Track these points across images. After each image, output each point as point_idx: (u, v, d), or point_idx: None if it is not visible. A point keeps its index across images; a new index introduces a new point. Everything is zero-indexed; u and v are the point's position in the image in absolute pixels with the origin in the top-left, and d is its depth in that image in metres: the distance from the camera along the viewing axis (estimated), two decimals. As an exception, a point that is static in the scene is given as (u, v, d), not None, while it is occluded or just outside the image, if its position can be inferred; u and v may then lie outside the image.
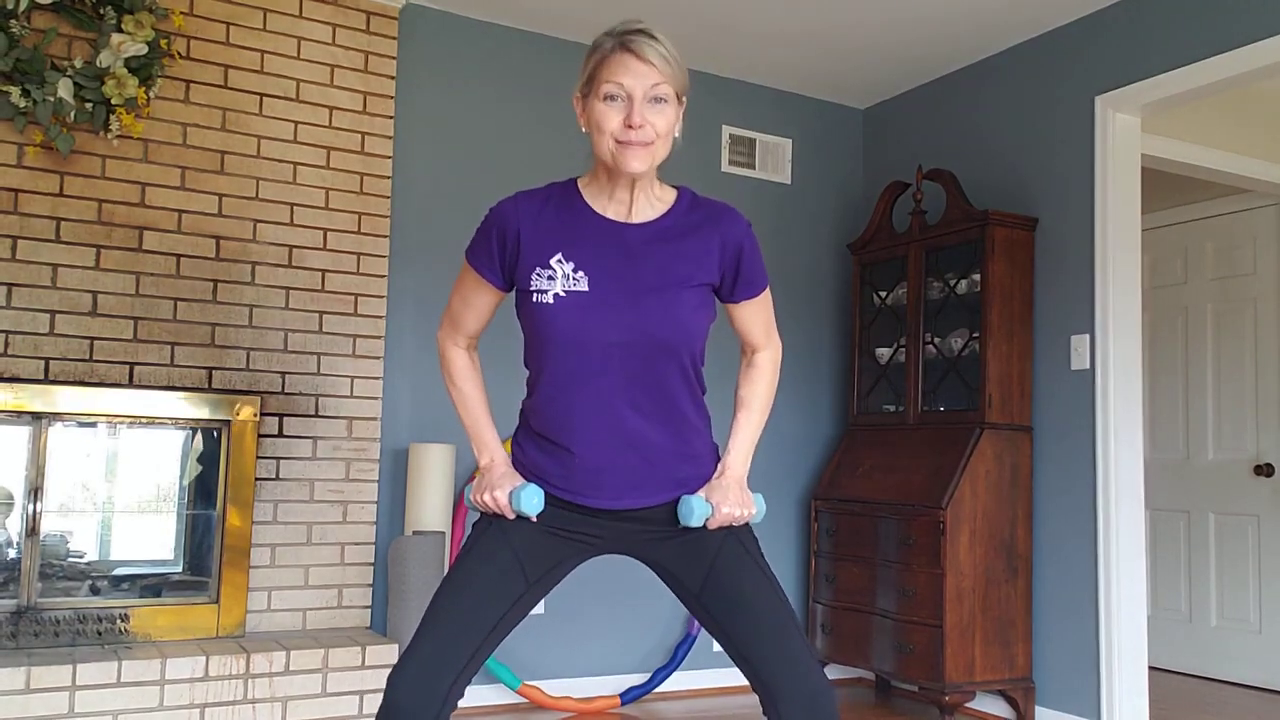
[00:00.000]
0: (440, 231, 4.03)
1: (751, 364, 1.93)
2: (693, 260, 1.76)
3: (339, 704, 3.33)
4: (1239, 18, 3.44)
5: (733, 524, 1.78)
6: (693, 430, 1.80)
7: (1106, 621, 3.71)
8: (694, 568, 1.77)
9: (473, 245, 1.82)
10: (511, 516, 1.76)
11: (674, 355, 1.74)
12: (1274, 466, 4.71)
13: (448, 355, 1.90)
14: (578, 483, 1.75)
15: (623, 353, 1.70)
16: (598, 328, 1.69)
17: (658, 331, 1.71)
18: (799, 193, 4.84)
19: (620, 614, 4.24)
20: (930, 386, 4.22)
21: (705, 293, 1.78)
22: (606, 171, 1.75)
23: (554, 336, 1.71)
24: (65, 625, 3.25)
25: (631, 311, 1.70)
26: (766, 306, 1.90)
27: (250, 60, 3.68)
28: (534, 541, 1.76)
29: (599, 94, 1.70)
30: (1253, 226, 4.91)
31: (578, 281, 1.71)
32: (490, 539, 1.77)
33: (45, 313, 3.35)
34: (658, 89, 1.69)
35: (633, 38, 1.68)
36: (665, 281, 1.73)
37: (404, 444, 3.90)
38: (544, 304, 1.71)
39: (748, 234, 1.82)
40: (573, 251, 1.72)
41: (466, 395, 1.89)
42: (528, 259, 1.74)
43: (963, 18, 4.01)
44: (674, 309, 1.72)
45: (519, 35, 4.24)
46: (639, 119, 1.67)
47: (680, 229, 1.77)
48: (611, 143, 1.69)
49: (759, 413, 1.91)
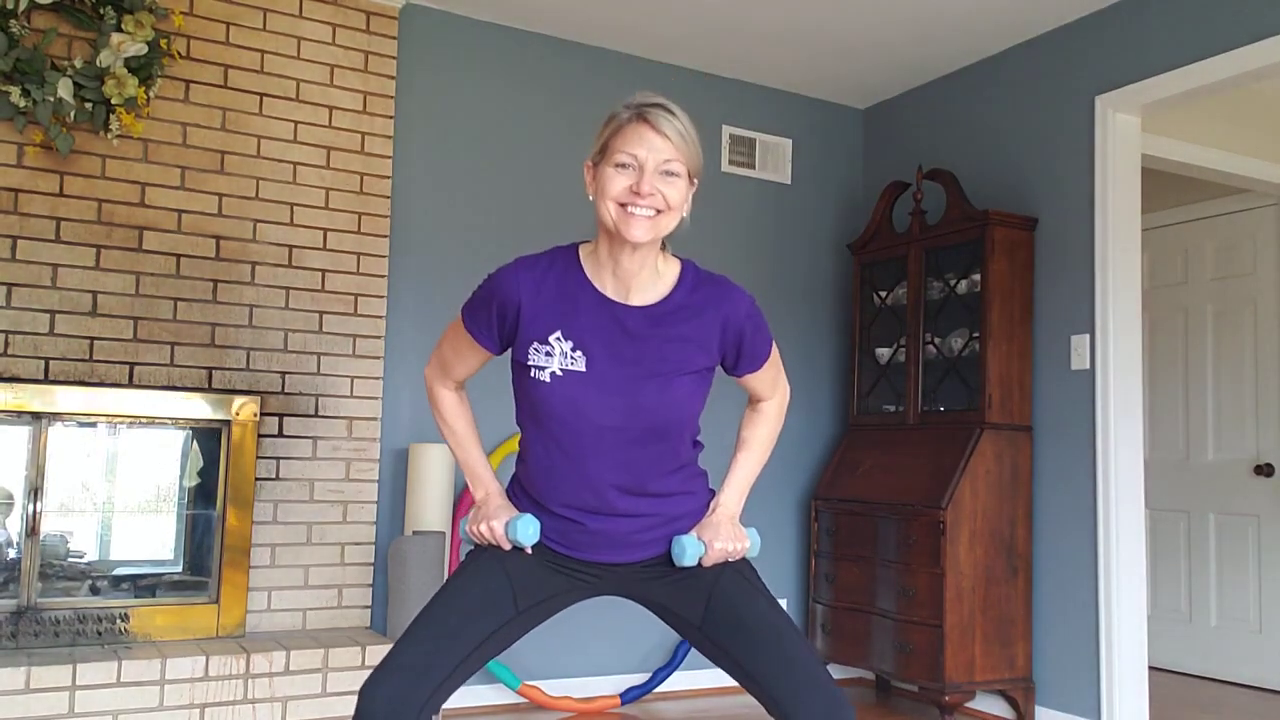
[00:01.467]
0: (440, 232, 4.03)
1: (757, 410, 1.94)
2: (693, 345, 1.73)
3: (339, 704, 3.33)
4: (1239, 18, 3.44)
5: (726, 559, 1.78)
6: (684, 494, 1.81)
7: (1106, 621, 3.71)
8: (693, 602, 1.77)
9: (470, 309, 1.78)
10: (507, 547, 1.77)
11: (667, 438, 1.74)
12: (1274, 466, 4.71)
13: (436, 394, 1.91)
14: (571, 542, 1.76)
15: (615, 435, 1.70)
16: (593, 410, 1.68)
17: (653, 416, 1.70)
18: (799, 193, 4.84)
19: (620, 614, 4.23)
20: (930, 386, 4.21)
21: (703, 374, 1.76)
22: (609, 241, 1.70)
23: (548, 413, 1.70)
24: (65, 625, 3.26)
25: (627, 396, 1.68)
26: (772, 369, 1.88)
27: (250, 60, 3.68)
28: (529, 571, 1.76)
29: (610, 161, 1.66)
30: (1253, 226, 4.90)
31: (575, 361, 1.68)
32: (485, 560, 1.77)
33: (45, 313, 3.35)
34: (670, 164, 1.66)
35: (651, 110, 1.65)
36: (664, 368, 1.70)
37: (404, 444, 3.90)
38: (540, 381, 1.69)
39: (750, 313, 1.77)
40: (572, 330, 1.70)
41: (458, 433, 1.90)
42: (526, 332, 1.71)
43: (963, 18, 4.01)
44: (671, 394, 1.71)
45: (519, 35, 4.24)
46: (648, 188, 1.64)
47: (682, 312, 1.73)
48: (615, 208, 1.65)
49: (759, 454, 1.93)
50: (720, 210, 4.57)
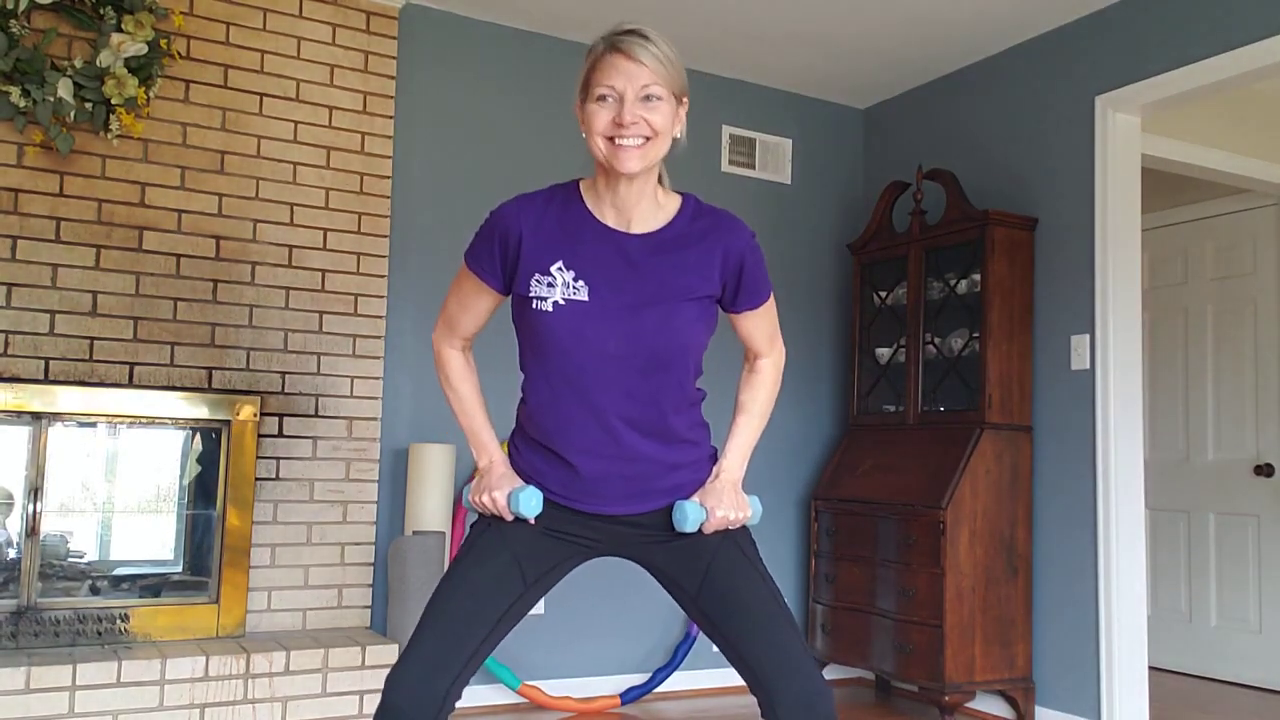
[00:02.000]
0: (440, 231, 4.03)
1: (754, 370, 1.93)
2: (694, 272, 1.74)
3: (339, 704, 3.33)
4: (1239, 18, 3.44)
5: (728, 527, 1.78)
6: (686, 442, 1.80)
7: (1106, 621, 3.71)
8: (691, 571, 1.77)
9: (473, 248, 1.80)
10: (510, 518, 1.76)
11: (670, 368, 1.73)
12: (1274, 466, 4.71)
13: (443, 356, 1.89)
14: (575, 490, 1.75)
15: (619, 364, 1.70)
16: (595, 338, 1.68)
17: (655, 344, 1.70)
18: (799, 193, 4.84)
19: (620, 614, 4.24)
20: (930, 386, 4.21)
21: (706, 304, 1.76)
22: (605, 175, 1.73)
23: (551, 344, 1.70)
24: (65, 625, 3.26)
25: (630, 323, 1.69)
26: (770, 315, 1.89)
27: (250, 60, 3.68)
28: (532, 543, 1.76)
29: (591, 96, 1.69)
30: (1253, 226, 4.90)
31: (577, 290, 1.69)
32: (488, 540, 1.77)
33: (45, 313, 3.35)
34: (649, 88, 1.67)
35: (623, 38, 1.67)
36: (665, 294, 1.71)
37: (404, 444, 3.90)
38: (543, 311, 1.69)
39: (750, 245, 1.79)
40: (573, 260, 1.71)
41: (463, 397, 1.88)
42: (528, 264, 1.72)
43: (962, 18, 4.01)
44: (672, 322, 1.71)
45: (519, 35, 4.24)
46: (629, 116, 1.65)
47: (682, 240, 1.75)
48: (603, 142, 1.68)
49: (758, 418, 1.91)
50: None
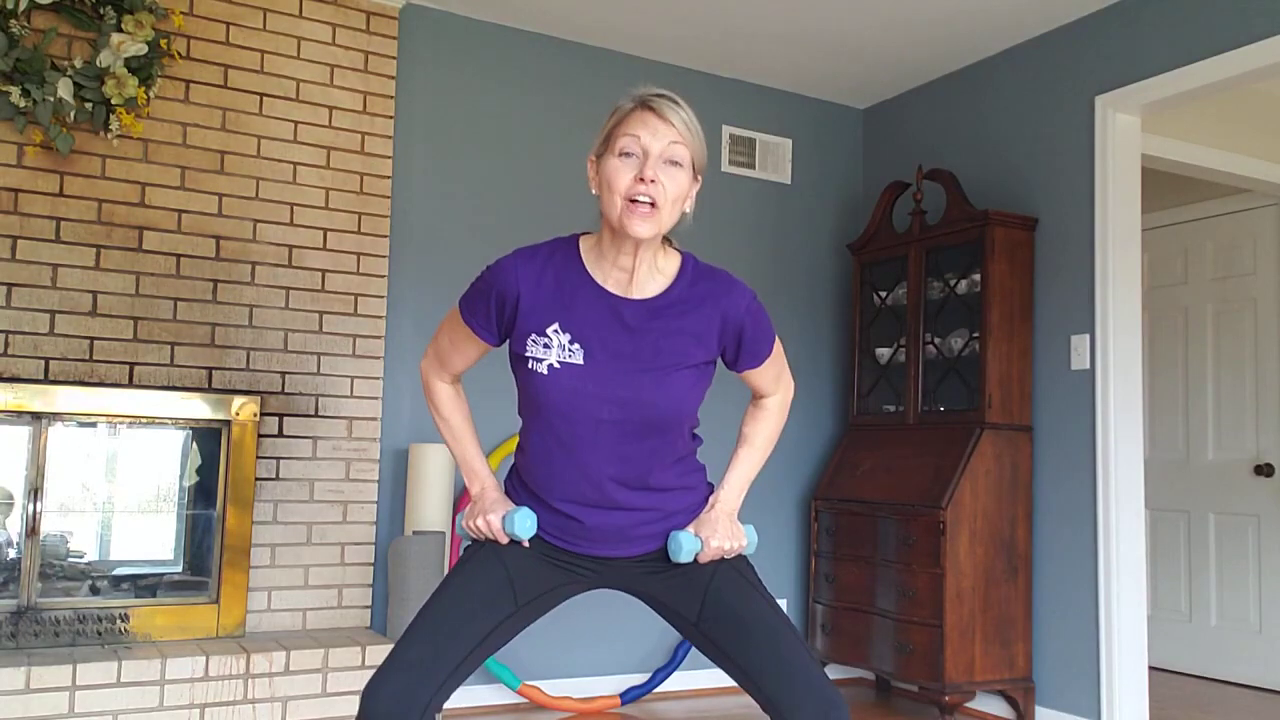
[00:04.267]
0: (440, 231, 4.03)
1: (759, 406, 1.93)
2: (692, 338, 1.72)
3: (339, 704, 3.33)
4: (1239, 18, 3.44)
5: (724, 556, 1.78)
6: (682, 489, 1.81)
7: (1106, 621, 3.71)
8: (689, 598, 1.77)
9: (469, 300, 1.78)
10: (505, 541, 1.77)
11: (665, 432, 1.73)
12: (1274, 466, 4.71)
13: (432, 387, 1.90)
14: (570, 535, 1.76)
15: (613, 429, 1.69)
16: (591, 403, 1.68)
17: (650, 412, 1.70)
18: (799, 193, 4.84)
19: (620, 614, 4.24)
20: (930, 386, 4.21)
21: (702, 369, 1.75)
22: (611, 234, 1.69)
23: (546, 405, 1.70)
24: (65, 625, 3.25)
25: (625, 390, 1.68)
26: (775, 363, 1.87)
27: (250, 60, 3.68)
28: (527, 565, 1.76)
29: (614, 150, 1.66)
30: (1253, 226, 4.90)
31: (573, 354, 1.68)
32: (483, 557, 1.77)
33: (45, 313, 3.35)
34: (674, 149, 1.66)
35: (656, 99, 1.67)
36: (662, 361, 1.70)
37: (404, 444, 3.90)
38: (538, 373, 1.69)
39: (750, 308, 1.76)
40: (570, 322, 1.69)
41: (454, 427, 1.89)
42: (525, 324, 1.71)
43: (963, 18, 4.01)
44: (668, 389, 1.70)
45: (519, 35, 4.24)
46: (651, 173, 1.63)
47: (681, 305, 1.72)
48: (621, 203, 1.64)
49: (760, 451, 1.92)
50: (720, 210, 4.57)
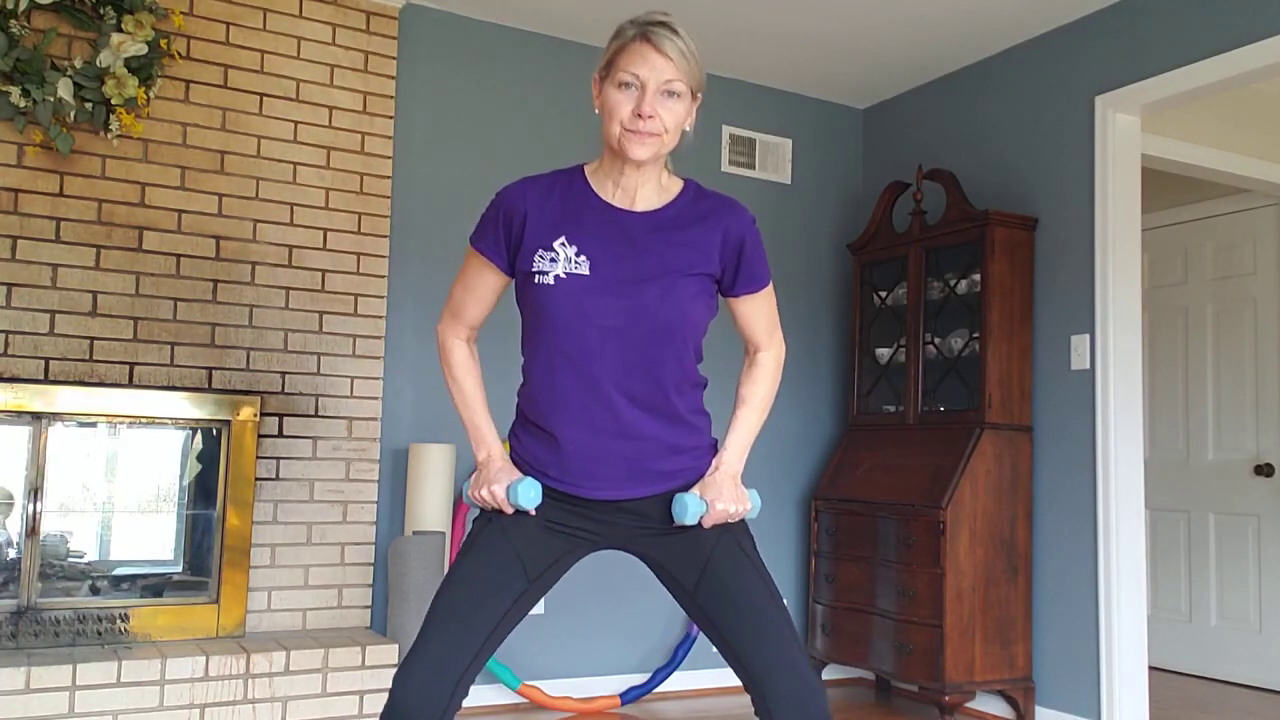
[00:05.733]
0: (440, 231, 4.03)
1: (754, 363, 1.94)
2: (694, 249, 1.77)
3: (339, 704, 3.33)
4: (1239, 18, 3.44)
5: (728, 520, 1.78)
6: (687, 424, 1.81)
7: (1106, 621, 3.71)
8: (689, 565, 1.78)
9: (478, 229, 1.83)
10: (509, 511, 1.77)
11: (670, 343, 1.75)
12: (1274, 466, 4.71)
13: (447, 347, 1.90)
14: (572, 472, 1.76)
15: (620, 338, 1.71)
16: (596, 311, 1.71)
17: (655, 317, 1.72)
18: (799, 193, 4.84)
19: (620, 614, 4.24)
20: (930, 386, 4.22)
21: (705, 282, 1.79)
22: (612, 157, 1.77)
23: (552, 318, 1.72)
24: (65, 625, 3.25)
25: (631, 296, 1.71)
26: (769, 304, 1.91)
27: (250, 60, 3.68)
28: (533, 539, 1.77)
29: (614, 80, 1.72)
30: (1253, 226, 4.90)
31: (579, 265, 1.72)
32: (490, 536, 1.77)
33: (45, 313, 3.35)
34: (671, 84, 1.72)
35: (654, 29, 1.71)
36: (666, 269, 1.74)
37: (404, 444, 3.90)
38: (544, 285, 1.72)
39: (750, 227, 1.83)
40: (576, 235, 1.74)
41: (465, 389, 1.89)
42: (531, 241, 1.75)
43: (962, 18, 4.02)
44: (672, 295, 1.73)
45: (519, 35, 4.24)
46: (649, 109, 1.70)
47: (683, 219, 1.79)
48: (619, 129, 1.71)
49: (758, 411, 1.91)
50: (720, 210, 4.56)
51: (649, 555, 1.83)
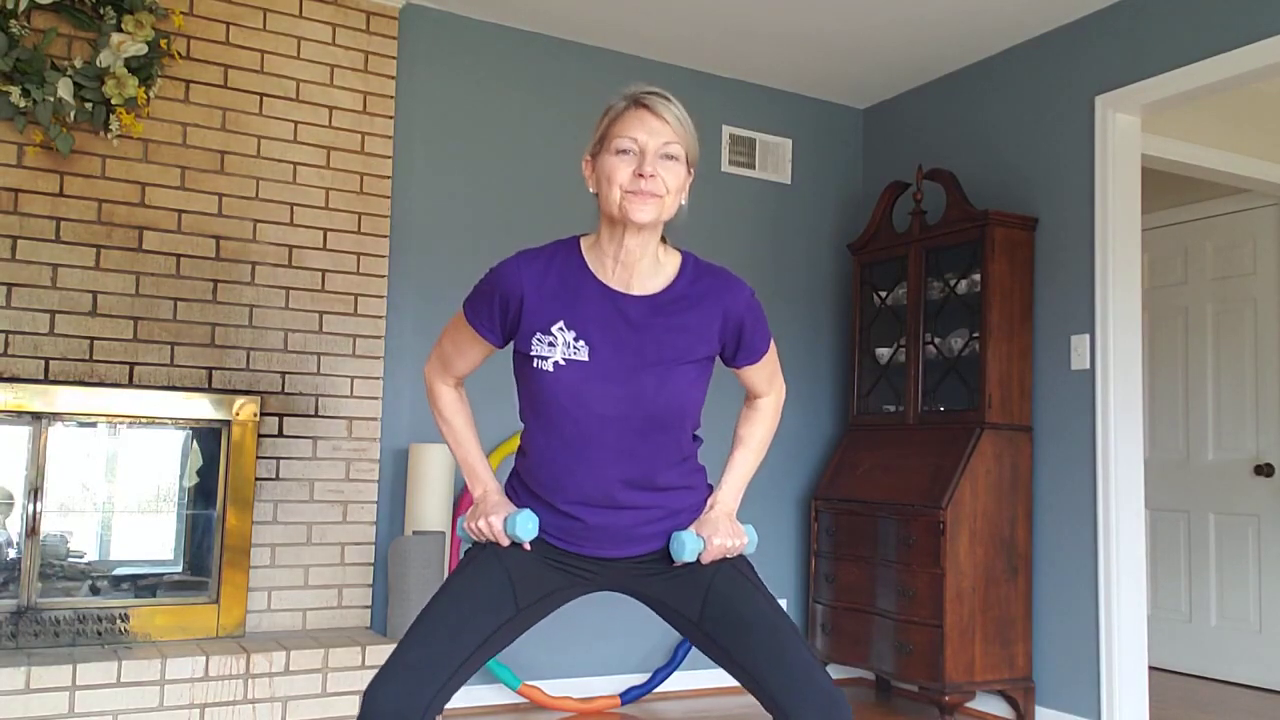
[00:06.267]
0: (440, 231, 4.03)
1: (754, 407, 1.96)
2: (693, 334, 1.75)
3: (339, 704, 3.33)
4: (1239, 18, 3.44)
5: (725, 555, 1.79)
6: (683, 489, 1.82)
7: (1106, 621, 3.71)
8: (690, 598, 1.78)
9: (472, 302, 1.81)
10: (506, 543, 1.77)
11: (668, 428, 1.75)
12: (1274, 466, 4.71)
13: (436, 391, 1.91)
14: (572, 536, 1.77)
15: (617, 425, 1.71)
16: (595, 400, 1.70)
17: (653, 408, 1.72)
18: (799, 193, 4.84)
19: (620, 614, 4.24)
20: (930, 386, 4.21)
21: (704, 364, 1.78)
22: (611, 228, 1.73)
23: (551, 404, 1.72)
24: (65, 625, 3.25)
25: (629, 386, 1.70)
26: (770, 362, 1.90)
27: (250, 60, 3.68)
28: (528, 568, 1.77)
29: (610, 149, 1.70)
30: (1253, 226, 4.90)
31: (578, 350, 1.71)
32: (484, 560, 1.78)
33: (45, 313, 3.35)
34: (670, 146, 1.70)
35: (649, 96, 1.70)
36: (664, 357, 1.72)
37: (404, 444, 3.90)
38: (543, 371, 1.71)
39: (749, 305, 1.80)
40: (574, 320, 1.72)
41: (457, 430, 1.91)
42: (529, 323, 1.73)
43: (963, 18, 4.01)
44: (671, 384, 1.72)
45: (519, 35, 4.24)
46: (650, 169, 1.67)
47: (682, 302, 1.76)
48: (619, 193, 1.68)
49: (755, 453, 1.93)
50: (720, 210, 4.57)
51: (649, 595, 1.83)
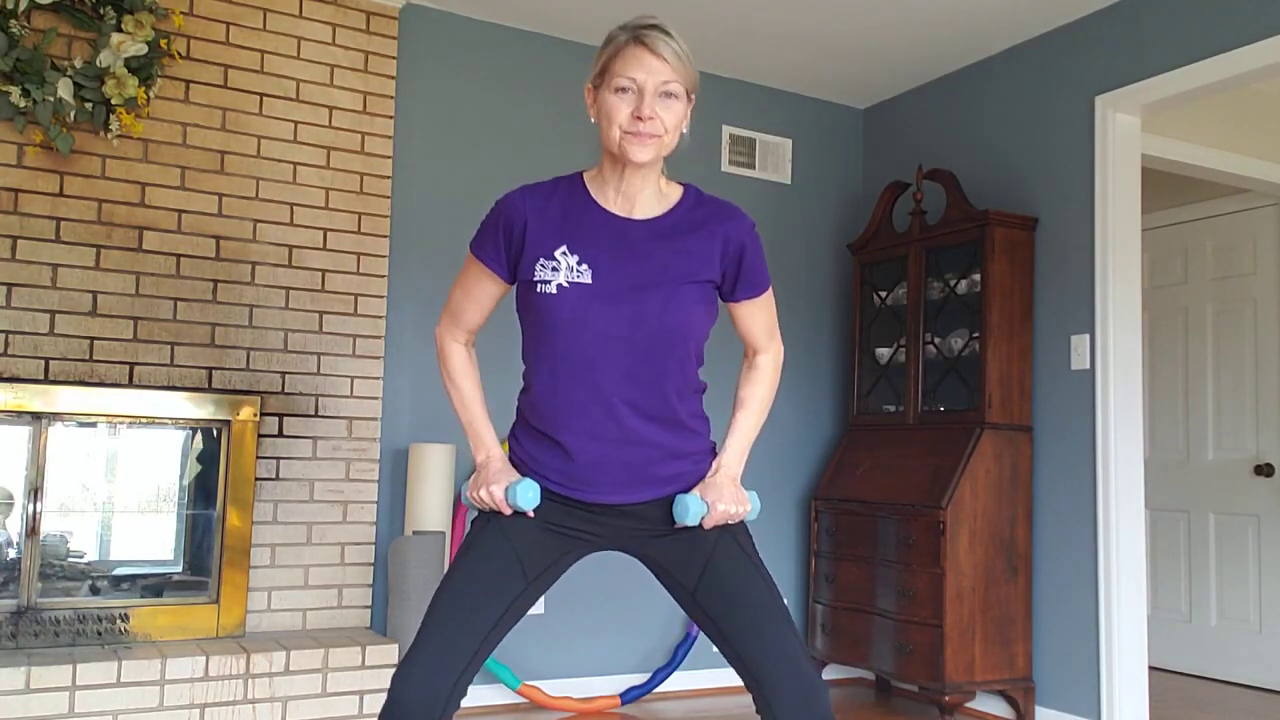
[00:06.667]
0: (440, 231, 4.03)
1: (753, 366, 1.95)
2: (695, 256, 1.77)
3: (339, 704, 3.33)
4: (1239, 18, 3.44)
5: (728, 521, 1.79)
6: (688, 430, 1.81)
7: (1106, 621, 3.71)
8: (689, 565, 1.78)
9: (478, 236, 1.83)
10: (508, 512, 1.77)
11: (673, 350, 1.75)
12: (1274, 466, 4.71)
13: (446, 350, 1.91)
14: (574, 478, 1.76)
15: (622, 346, 1.72)
16: (599, 319, 1.71)
17: (657, 326, 1.72)
18: (799, 193, 4.84)
19: (620, 614, 4.24)
20: (930, 386, 4.22)
21: (706, 289, 1.79)
22: (612, 162, 1.77)
23: (555, 327, 1.73)
24: (65, 625, 3.25)
25: (632, 305, 1.72)
26: (769, 308, 1.91)
27: (250, 60, 3.68)
28: (532, 539, 1.77)
29: (610, 86, 1.73)
30: (1253, 226, 4.90)
31: (581, 273, 1.72)
32: (489, 536, 1.77)
33: (45, 313, 3.35)
34: (668, 85, 1.72)
35: (647, 32, 1.72)
36: (666, 277, 1.74)
37: (404, 444, 3.90)
38: (547, 294, 1.72)
39: (751, 233, 1.83)
40: (577, 244, 1.74)
41: (464, 392, 1.90)
42: (532, 250, 1.75)
43: (963, 18, 4.01)
44: (674, 304, 1.74)
45: (519, 35, 4.24)
46: (649, 111, 1.70)
47: (684, 226, 1.79)
48: (619, 133, 1.72)
49: (757, 414, 1.92)
50: (720, 210, 4.56)
51: (649, 556, 1.83)
